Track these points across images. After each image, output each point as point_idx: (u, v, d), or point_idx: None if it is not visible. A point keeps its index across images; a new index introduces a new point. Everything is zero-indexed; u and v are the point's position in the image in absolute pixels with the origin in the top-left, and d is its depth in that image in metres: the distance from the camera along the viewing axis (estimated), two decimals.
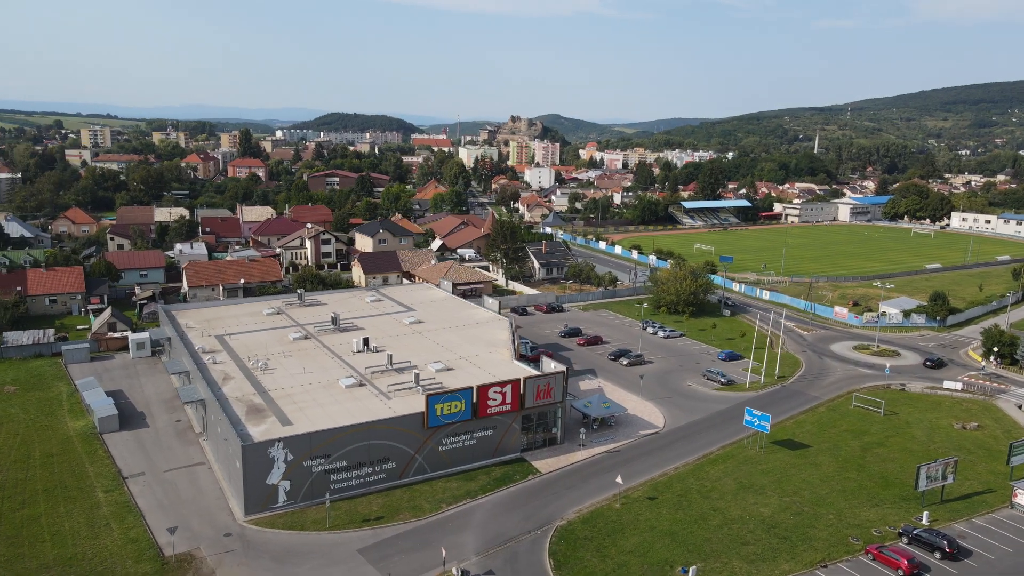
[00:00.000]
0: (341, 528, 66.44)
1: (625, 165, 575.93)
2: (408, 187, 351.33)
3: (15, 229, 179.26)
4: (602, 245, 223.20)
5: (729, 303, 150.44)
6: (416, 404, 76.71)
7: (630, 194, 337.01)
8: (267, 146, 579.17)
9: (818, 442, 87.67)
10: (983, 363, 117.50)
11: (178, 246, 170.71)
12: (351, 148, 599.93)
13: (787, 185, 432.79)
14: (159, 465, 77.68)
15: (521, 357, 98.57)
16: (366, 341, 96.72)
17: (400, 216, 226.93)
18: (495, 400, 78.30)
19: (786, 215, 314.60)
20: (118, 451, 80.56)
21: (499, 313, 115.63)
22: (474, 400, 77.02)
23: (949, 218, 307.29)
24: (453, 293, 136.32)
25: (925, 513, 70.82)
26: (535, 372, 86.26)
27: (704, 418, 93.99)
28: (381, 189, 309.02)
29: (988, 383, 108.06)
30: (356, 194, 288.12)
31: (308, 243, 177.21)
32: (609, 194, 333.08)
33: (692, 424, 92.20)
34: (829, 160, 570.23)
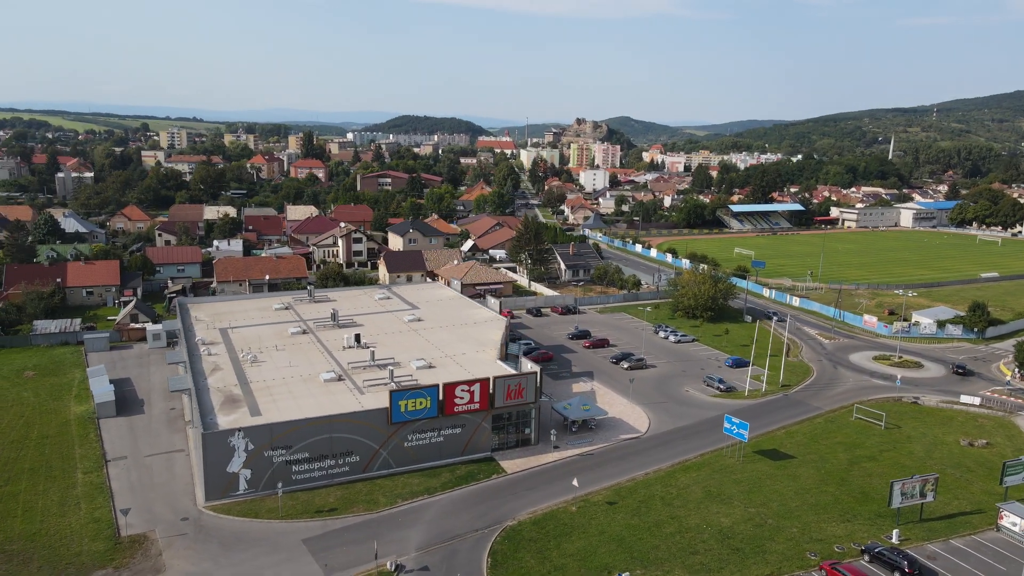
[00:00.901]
0: (293, 518, 68.01)
1: (687, 168, 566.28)
2: (462, 188, 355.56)
3: (71, 225, 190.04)
4: (638, 248, 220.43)
5: (775, 316, 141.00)
6: (384, 399, 77.68)
7: (680, 197, 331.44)
8: (333, 148, 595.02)
9: (804, 453, 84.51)
10: (1008, 377, 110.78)
11: (216, 243, 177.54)
12: (415, 150, 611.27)
13: (853, 189, 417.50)
14: (142, 450, 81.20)
15: (509, 357, 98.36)
16: (357, 337, 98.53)
17: (436, 216, 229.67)
18: (462, 398, 78.59)
19: (843, 220, 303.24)
20: (109, 435, 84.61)
21: (499, 313, 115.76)
22: (440, 398, 77.50)
23: (1022, 224, 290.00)
24: (469, 292, 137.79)
25: (895, 531, 67.51)
26: (511, 371, 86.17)
27: (691, 424, 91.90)
28: (438, 190, 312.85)
29: (1010, 399, 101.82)
30: (405, 194, 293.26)
31: (340, 242, 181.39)
32: (660, 197, 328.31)
33: (677, 430, 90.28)
34: (904, 163, 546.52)
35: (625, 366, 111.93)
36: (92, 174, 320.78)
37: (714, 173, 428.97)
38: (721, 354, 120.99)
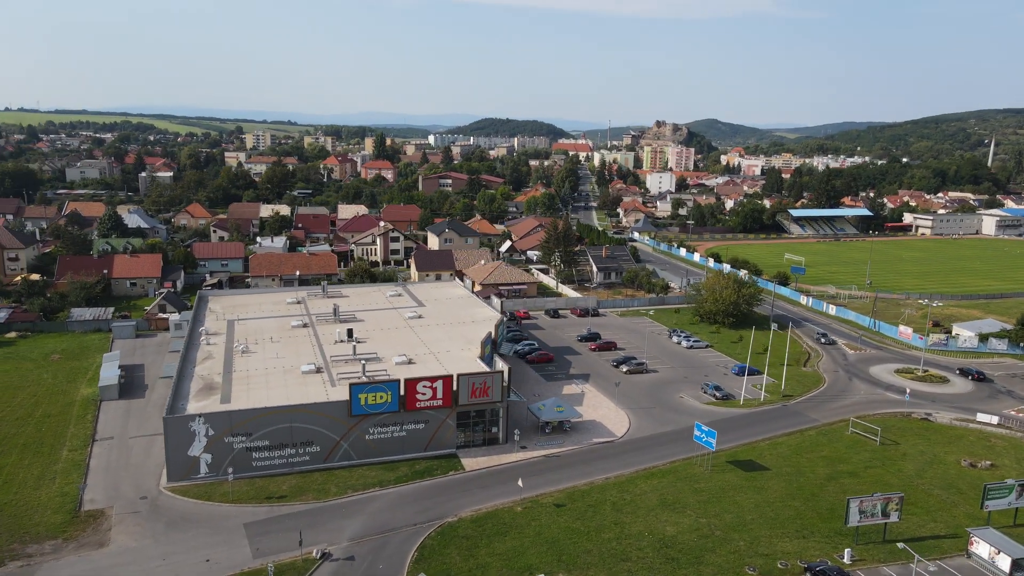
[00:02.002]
0: (243, 502, 70.38)
1: (764, 172, 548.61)
2: (526, 190, 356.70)
3: (134, 220, 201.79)
4: (683, 252, 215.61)
5: (826, 340, 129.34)
6: (347, 392, 79.17)
7: (744, 200, 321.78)
8: (410, 149, 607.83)
9: (781, 466, 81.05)
10: None
11: (259, 239, 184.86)
12: (491, 152, 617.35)
13: (940, 194, 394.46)
14: (130, 432, 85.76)
15: (497, 356, 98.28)
16: (350, 332, 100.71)
17: (479, 217, 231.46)
18: (424, 394, 79.35)
19: (916, 226, 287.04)
20: (105, 417, 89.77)
21: (499, 313, 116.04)
22: (401, 393, 78.50)
23: None
24: (491, 292, 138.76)
25: (847, 550, 63.98)
26: (485, 369, 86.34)
27: (672, 431, 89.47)
28: (492, 191, 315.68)
29: None
30: (464, 195, 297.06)
31: (378, 240, 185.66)
32: (721, 201, 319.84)
33: (655, 436, 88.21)
34: (1003, 168, 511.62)
35: (624, 370, 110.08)
36: (171, 174, 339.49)
37: (785, 176, 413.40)
38: (732, 361, 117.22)
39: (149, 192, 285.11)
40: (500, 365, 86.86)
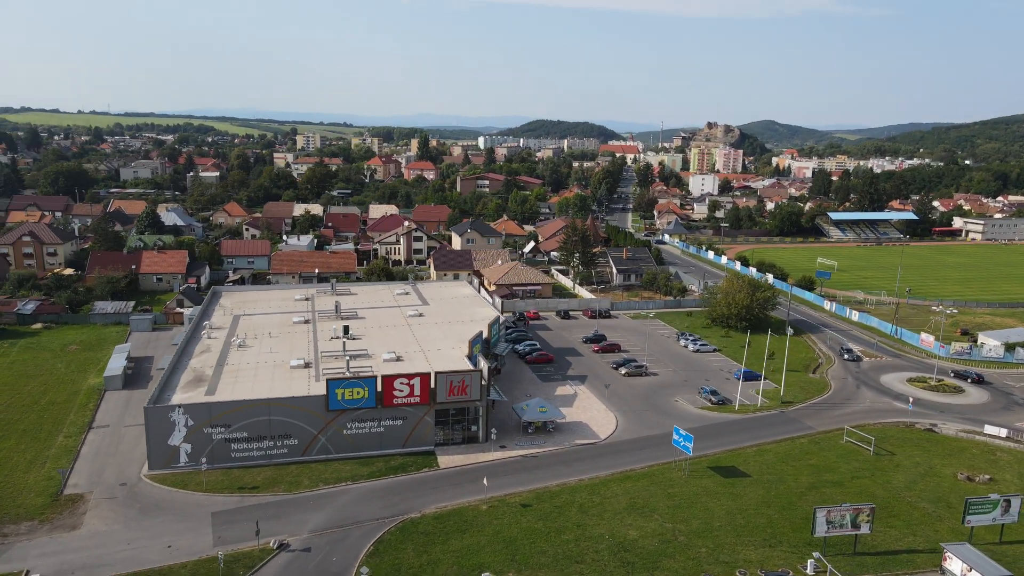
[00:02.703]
0: (216, 492, 72.12)
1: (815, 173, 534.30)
2: (563, 191, 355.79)
3: (171, 218, 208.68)
4: (711, 255, 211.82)
5: (850, 356, 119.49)
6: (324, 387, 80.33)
7: (784, 203, 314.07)
8: (456, 151, 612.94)
9: (763, 473, 79.02)
10: None
11: (285, 238, 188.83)
12: (538, 154, 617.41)
13: (1000, 198, 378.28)
14: (125, 421, 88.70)
15: (481, 356, 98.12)
16: (346, 329, 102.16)
17: (505, 218, 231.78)
18: (402, 391, 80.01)
19: (966, 231, 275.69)
20: (106, 406, 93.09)
21: (500, 313, 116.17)
22: (378, 389, 79.34)
23: None
24: (504, 292, 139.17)
25: (810, 561, 62.02)
26: (466, 368, 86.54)
27: (658, 435, 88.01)
28: (527, 192, 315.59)
29: None
30: (499, 196, 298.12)
31: (402, 239, 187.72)
32: (762, 203, 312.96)
33: (639, 439, 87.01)
34: None
35: (623, 372, 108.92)
36: (218, 174, 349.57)
37: (834, 179, 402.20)
38: (737, 366, 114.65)
39: (192, 191, 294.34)
40: (481, 364, 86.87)
